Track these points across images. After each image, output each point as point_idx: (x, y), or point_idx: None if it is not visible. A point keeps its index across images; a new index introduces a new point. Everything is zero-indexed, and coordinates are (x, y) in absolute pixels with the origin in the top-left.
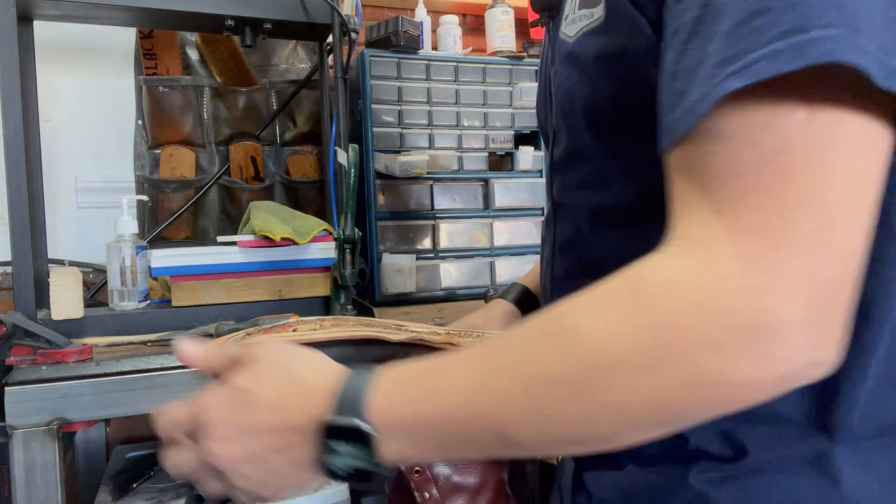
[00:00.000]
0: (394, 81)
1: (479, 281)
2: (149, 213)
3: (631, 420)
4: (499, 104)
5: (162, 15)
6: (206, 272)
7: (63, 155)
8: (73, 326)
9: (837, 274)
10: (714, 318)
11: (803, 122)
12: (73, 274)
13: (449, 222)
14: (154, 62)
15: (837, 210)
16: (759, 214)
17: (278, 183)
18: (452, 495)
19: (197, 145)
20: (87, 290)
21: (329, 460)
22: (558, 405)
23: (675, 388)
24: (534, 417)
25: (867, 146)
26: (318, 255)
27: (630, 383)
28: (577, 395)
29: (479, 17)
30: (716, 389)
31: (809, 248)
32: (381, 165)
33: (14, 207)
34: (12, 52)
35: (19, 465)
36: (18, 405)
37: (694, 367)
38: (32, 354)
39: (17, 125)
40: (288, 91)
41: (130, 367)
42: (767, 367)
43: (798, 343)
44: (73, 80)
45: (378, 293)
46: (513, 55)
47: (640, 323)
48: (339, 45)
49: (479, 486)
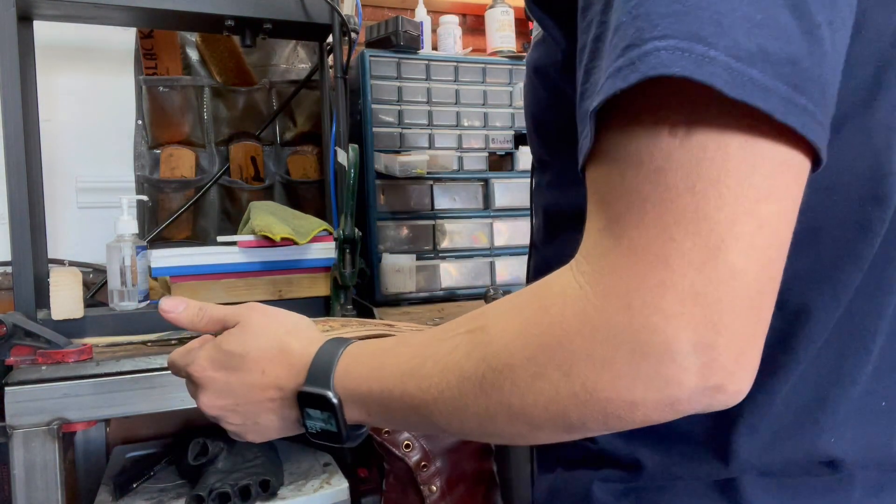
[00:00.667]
0: (394, 81)
1: (479, 281)
2: (149, 213)
3: (530, 423)
4: (499, 104)
5: (162, 15)
6: (206, 272)
7: (63, 155)
8: (73, 326)
9: (730, 296)
10: (598, 335)
11: (681, 139)
12: (73, 274)
13: (449, 222)
14: (154, 62)
15: (725, 229)
16: (645, 233)
17: (278, 183)
18: (455, 486)
19: (197, 145)
20: (87, 290)
21: (305, 422)
22: (466, 400)
23: (564, 398)
24: (448, 407)
25: (760, 161)
26: (318, 255)
27: (524, 389)
28: (481, 392)
29: (479, 17)
30: (602, 405)
31: (696, 268)
32: (381, 165)
33: (14, 207)
34: (12, 52)
35: (19, 465)
36: (18, 405)
37: (578, 380)
38: (32, 354)
39: (17, 125)
40: (288, 91)
41: (130, 367)
42: (655, 388)
43: (688, 367)
44: (73, 80)
45: (378, 293)
46: (513, 55)
47: (533, 332)
48: (339, 45)
49: (476, 476)
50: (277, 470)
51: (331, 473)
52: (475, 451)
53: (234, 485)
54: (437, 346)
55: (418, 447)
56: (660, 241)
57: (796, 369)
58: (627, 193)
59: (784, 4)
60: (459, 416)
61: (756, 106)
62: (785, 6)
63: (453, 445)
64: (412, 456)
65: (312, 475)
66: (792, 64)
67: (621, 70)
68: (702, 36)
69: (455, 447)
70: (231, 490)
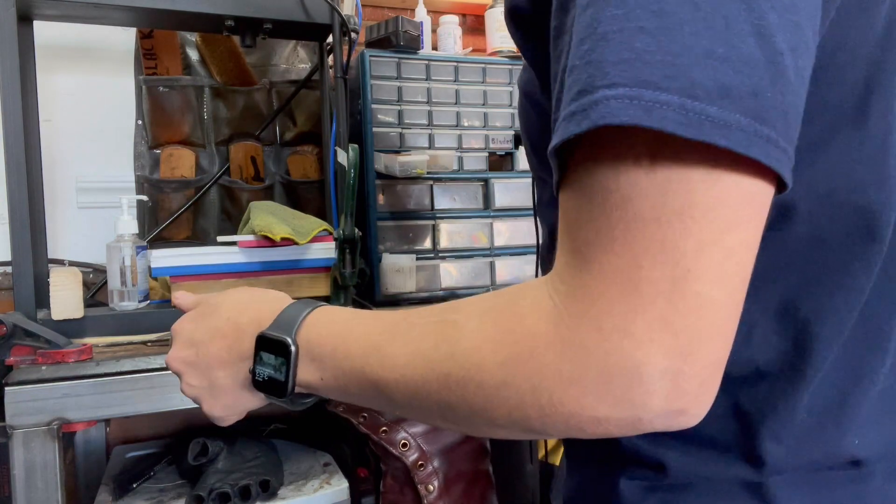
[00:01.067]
0: (394, 81)
1: (479, 281)
2: (149, 213)
3: (490, 422)
4: (499, 104)
5: (162, 15)
6: (206, 272)
7: (63, 155)
8: (73, 326)
9: (698, 324)
10: (568, 353)
11: (647, 170)
12: (73, 274)
13: (449, 222)
14: (154, 62)
15: (692, 259)
16: (615, 259)
17: (278, 183)
18: (453, 486)
19: (197, 145)
20: (87, 290)
21: (255, 367)
22: (429, 388)
23: (528, 407)
24: (410, 390)
25: (724, 193)
26: (318, 255)
27: (490, 393)
28: (444, 387)
29: (479, 17)
30: (566, 418)
31: (665, 296)
32: (381, 165)
33: (14, 207)
34: (12, 52)
35: (19, 465)
36: (18, 405)
37: (545, 394)
38: (32, 354)
39: (17, 125)
40: (288, 91)
41: (130, 367)
42: (620, 408)
43: (655, 391)
44: (73, 80)
45: (378, 293)
46: (513, 55)
47: (506, 339)
48: (339, 45)
49: (473, 475)
50: (277, 470)
51: (331, 473)
52: (472, 451)
53: (234, 485)
54: (407, 329)
55: (415, 447)
56: (629, 268)
57: (815, 376)
58: (596, 220)
59: (750, 32)
60: (420, 402)
61: (713, 143)
62: (750, 34)
63: (450, 445)
64: (409, 455)
65: (312, 475)
66: (754, 96)
67: (575, 115)
68: (651, 81)
69: (452, 447)
70: (231, 490)
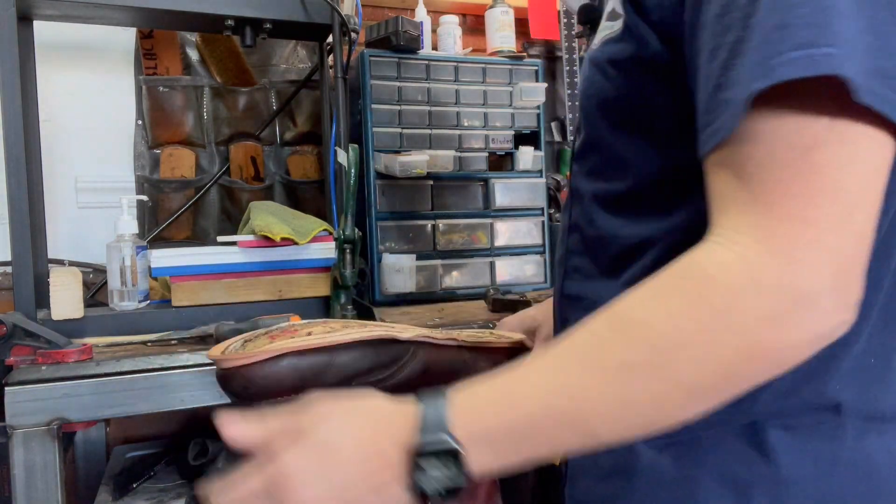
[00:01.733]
0: (394, 81)
1: (479, 281)
2: (149, 213)
3: (699, 395)
4: (499, 104)
5: (162, 15)
6: (206, 272)
7: (63, 155)
8: (73, 326)
9: (856, 251)
10: (766, 293)
11: (827, 124)
12: (73, 274)
13: (449, 222)
14: (154, 62)
15: (856, 198)
16: (794, 202)
17: (278, 183)
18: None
19: (197, 145)
20: (87, 290)
21: (420, 481)
22: (635, 390)
23: (737, 359)
24: (612, 404)
25: (875, 146)
26: (318, 255)
27: (698, 360)
28: (653, 378)
29: (479, 17)
30: (771, 355)
31: (836, 229)
32: (381, 165)
33: (14, 207)
34: (12, 52)
35: (19, 465)
36: (18, 405)
37: (752, 338)
38: (32, 354)
39: (17, 125)
40: (288, 91)
41: (130, 367)
42: (806, 330)
43: (827, 308)
44: (73, 80)
45: (378, 293)
46: (513, 55)
47: (701, 305)
48: (339, 45)
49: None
50: None
51: None
52: None
53: None
54: (576, 357)
55: None
56: (809, 208)
57: None
58: (778, 169)
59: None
60: (625, 411)
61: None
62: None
63: None
64: None
65: None
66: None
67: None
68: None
69: None
70: None
